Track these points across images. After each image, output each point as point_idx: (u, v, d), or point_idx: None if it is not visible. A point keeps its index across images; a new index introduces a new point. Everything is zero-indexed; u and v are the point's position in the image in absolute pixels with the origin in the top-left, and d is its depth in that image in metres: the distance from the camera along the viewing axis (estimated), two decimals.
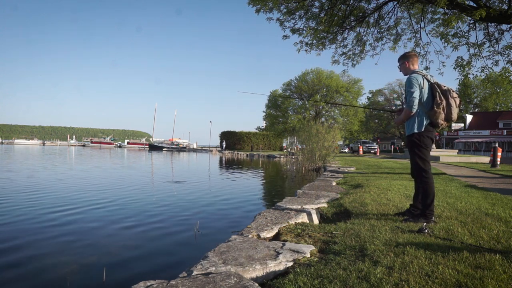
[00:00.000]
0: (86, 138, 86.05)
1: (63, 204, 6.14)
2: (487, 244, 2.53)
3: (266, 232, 3.07)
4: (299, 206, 4.19)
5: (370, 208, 3.98)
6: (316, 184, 6.70)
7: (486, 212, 3.71)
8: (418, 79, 3.33)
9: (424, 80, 3.36)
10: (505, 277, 1.91)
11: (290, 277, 2.00)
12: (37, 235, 4.18)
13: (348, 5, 8.92)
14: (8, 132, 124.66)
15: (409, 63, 3.56)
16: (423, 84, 3.34)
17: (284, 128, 43.34)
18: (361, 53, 9.83)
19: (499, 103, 59.68)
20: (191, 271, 2.09)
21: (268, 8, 8.64)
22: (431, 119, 3.33)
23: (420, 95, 3.33)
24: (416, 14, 9.20)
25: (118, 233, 4.42)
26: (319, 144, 15.92)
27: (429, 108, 3.33)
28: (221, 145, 58.86)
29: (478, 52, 8.53)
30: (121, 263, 3.35)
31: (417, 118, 3.38)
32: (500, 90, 55.86)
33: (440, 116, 3.27)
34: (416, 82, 3.31)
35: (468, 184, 6.67)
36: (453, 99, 3.28)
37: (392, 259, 2.19)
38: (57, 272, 3.10)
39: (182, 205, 6.34)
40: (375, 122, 60.82)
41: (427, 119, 3.36)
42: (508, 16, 7.02)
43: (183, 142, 68.80)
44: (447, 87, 3.33)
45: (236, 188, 9.42)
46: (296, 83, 43.89)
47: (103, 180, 10.42)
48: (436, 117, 3.28)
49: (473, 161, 18.71)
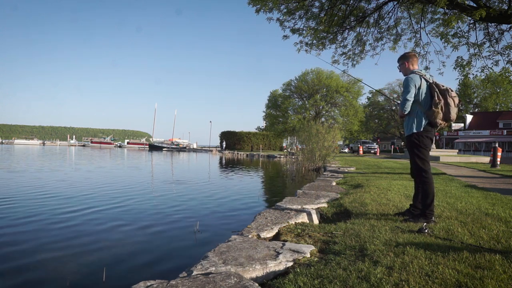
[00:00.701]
0: (86, 138, 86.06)
1: (63, 204, 6.15)
2: (487, 244, 2.53)
3: (266, 232, 3.07)
4: (299, 206, 4.19)
5: (370, 208, 3.98)
6: (316, 184, 6.70)
7: (486, 212, 3.71)
8: (414, 79, 3.33)
9: (422, 80, 3.36)
10: (505, 277, 1.91)
11: (290, 277, 2.00)
12: (37, 235, 4.18)
13: (348, 5, 8.92)
14: (8, 132, 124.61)
15: (409, 63, 3.56)
16: (420, 84, 3.33)
17: (284, 128, 43.33)
18: (361, 53, 9.83)
19: (499, 103, 59.69)
20: (191, 271, 2.09)
21: (268, 8, 8.64)
22: (429, 119, 3.32)
23: (418, 95, 3.34)
24: (416, 14, 9.20)
25: (118, 233, 4.42)
26: (319, 144, 15.91)
27: (428, 108, 3.32)
28: (221, 145, 58.85)
29: (478, 52, 8.53)
30: (121, 263, 3.35)
31: (415, 118, 3.38)
32: (500, 90, 55.88)
33: (439, 115, 3.26)
34: (412, 83, 3.32)
35: (468, 184, 6.66)
36: (451, 98, 3.27)
37: (392, 259, 2.19)
38: (57, 272, 3.10)
39: (182, 205, 6.35)
40: (375, 122, 60.80)
41: (426, 119, 3.35)
42: (508, 16, 7.02)
43: (183, 142, 68.79)
44: (445, 86, 3.32)
45: (236, 188, 9.42)
46: (296, 83, 43.90)
47: (103, 180, 10.41)
48: (434, 116, 3.27)
49: (473, 161, 18.71)
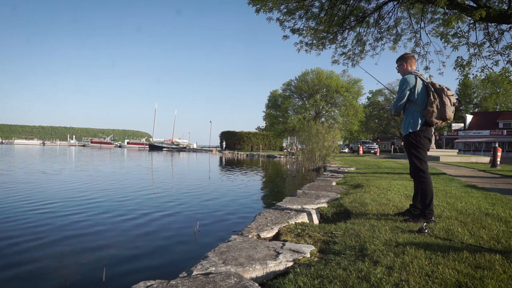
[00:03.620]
0: (86, 138, 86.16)
1: (63, 204, 6.14)
2: (487, 244, 2.53)
3: (266, 232, 3.07)
4: (299, 206, 4.19)
5: (370, 208, 3.98)
6: (316, 184, 6.70)
7: (486, 212, 3.71)
8: (409, 80, 3.38)
9: (418, 79, 3.37)
10: (505, 277, 1.91)
11: (290, 277, 2.00)
12: (37, 235, 4.18)
13: (348, 5, 8.92)
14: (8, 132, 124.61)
15: (407, 64, 3.58)
16: (415, 84, 3.36)
17: (284, 128, 43.34)
18: (361, 53, 9.83)
19: (499, 103, 59.68)
20: (191, 271, 2.09)
21: (268, 8, 8.64)
22: (425, 118, 3.33)
23: (413, 95, 3.37)
24: (416, 14, 9.20)
25: (118, 233, 4.42)
26: (319, 144, 15.91)
27: (424, 108, 3.34)
28: (221, 145, 58.85)
29: (478, 52, 8.53)
30: (121, 263, 3.35)
31: (412, 118, 3.40)
32: (500, 90, 55.90)
33: (434, 114, 3.26)
34: (406, 84, 3.38)
35: (468, 184, 6.66)
36: (447, 97, 3.25)
37: (392, 259, 2.19)
38: (57, 272, 3.10)
39: (182, 205, 6.34)
40: (375, 122, 60.72)
41: (422, 119, 3.36)
42: (508, 16, 7.02)
43: (183, 142, 68.87)
44: (442, 85, 3.33)
45: (236, 188, 9.41)
46: (296, 83, 43.90)
47: (103, 180, 10.41)
48: (429, 115, 3.28)
49: (473, 161, 18.70)
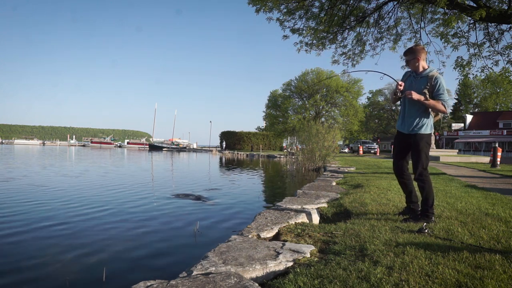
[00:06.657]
0: (86, 138, 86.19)
1: (63, 204, 6.14)
2: (487, 244, 2.53)
3: (266, 232, 3.07)
4: (299, 206, 4.19)
5: (370, 208, 3.98)
6: (316, 184, 6.70)
7: (486, 212, 3.71)
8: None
9: None
10: (505, 277, 1.91)
11: (290, 277, 2.00)
12: (37, 235, 4.18)
13: (348, 5, 8.92)
14: (8, 132, 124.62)
15: (421, 58, 3.39)
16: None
17: (284, 128, 43.37)
18: (361, 53, 9.84)
19: (499, 103, 59.67)
20: (191, 271, 2.09)
21: (268, 8, 8.64)
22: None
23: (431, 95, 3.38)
24: (416, 14, 9.21)
25: (118, 233, 4.42)
26: (319, 144, 15.91)
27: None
28: (221, 145, 58.85)
29: (478, 52, 8.54)
30: (121, 263, 3.35)
31: (429, 120, 3.42)
32: (500, 90, 55.87)
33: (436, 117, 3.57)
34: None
35: (468, 184, 6.66)
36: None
37: (392, 259, 2.19)
38: (57, 272, 3.10)
39: (182, 205, 6.34)
40: (375, 122, 60.76)
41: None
42: (508, 16, 7.02)
43: (183, 142, 68.89)
44: None
45: (236, 188, 9.41)
46: (296, 83, 43.92)
47: (104, 180, 10.41)
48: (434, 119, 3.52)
49: (473, 161, 18.68)
